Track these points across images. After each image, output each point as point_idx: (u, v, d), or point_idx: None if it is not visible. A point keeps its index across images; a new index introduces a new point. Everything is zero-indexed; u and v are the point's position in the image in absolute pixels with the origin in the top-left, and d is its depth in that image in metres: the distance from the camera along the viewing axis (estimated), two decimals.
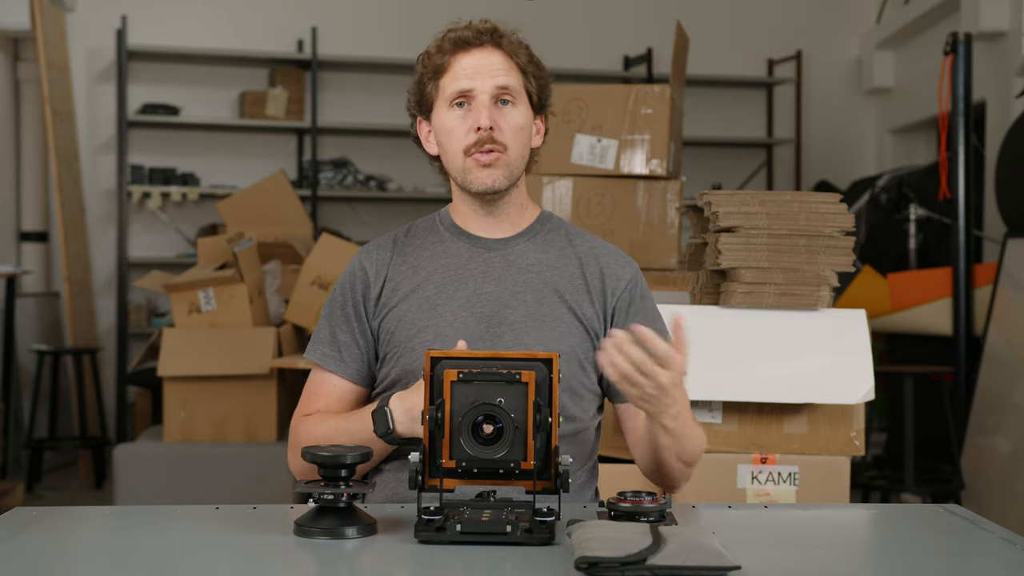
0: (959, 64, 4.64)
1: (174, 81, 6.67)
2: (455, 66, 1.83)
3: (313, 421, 1.85)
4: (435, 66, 1.85)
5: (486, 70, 1.82)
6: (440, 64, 1.84)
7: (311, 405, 1.89)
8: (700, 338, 2.45)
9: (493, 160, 1.81)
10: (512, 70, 1.83)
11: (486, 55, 1.83)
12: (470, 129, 1.81)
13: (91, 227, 6.56)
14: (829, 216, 2.44)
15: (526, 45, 1.87)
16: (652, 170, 3.50)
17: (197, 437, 4.39)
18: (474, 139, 1.81)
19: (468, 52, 1.83)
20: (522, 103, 1.85)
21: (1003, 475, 4.36)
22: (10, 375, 5.55)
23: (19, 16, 5.79)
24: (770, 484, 2.50)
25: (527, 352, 1.55)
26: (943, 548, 1.51)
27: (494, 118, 1.80)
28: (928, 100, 5.99)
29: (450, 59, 1.83)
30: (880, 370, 3.94)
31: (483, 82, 1.81)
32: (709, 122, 7.08)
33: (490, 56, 1.83)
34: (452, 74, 1.83)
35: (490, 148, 1.80)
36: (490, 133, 1.80)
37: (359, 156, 6.86)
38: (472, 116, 1.81)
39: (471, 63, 1.82)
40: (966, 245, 4.69)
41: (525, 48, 1.87)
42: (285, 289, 4.88)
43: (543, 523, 1.44)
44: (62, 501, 5.27)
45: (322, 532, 1.46)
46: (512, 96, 1.83)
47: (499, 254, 1.88)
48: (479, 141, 1.80)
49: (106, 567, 1.42)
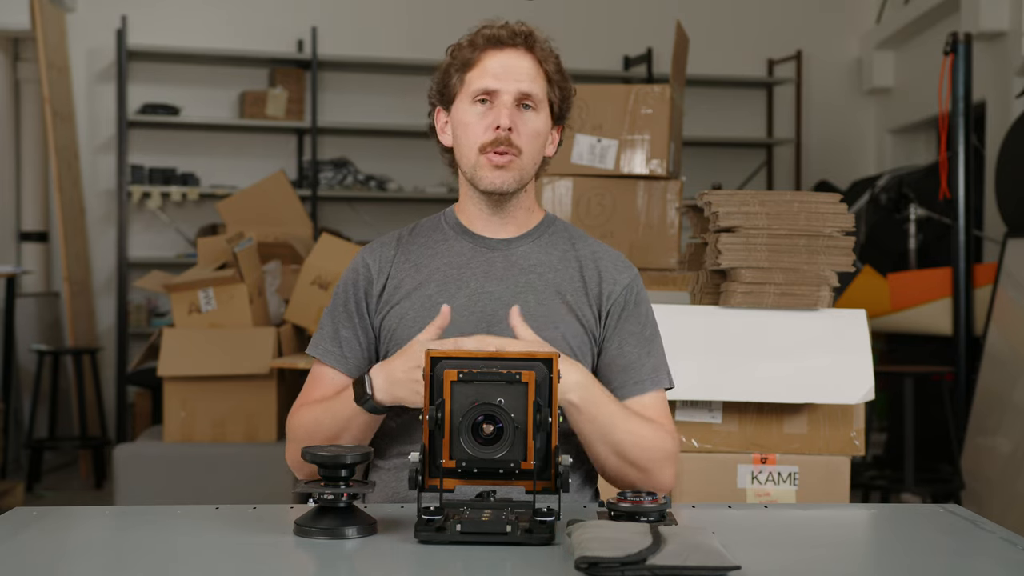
0: (959, 64, 4.64)
1: (174, 81, 6.67)
2: (484, 62, 1.83)
3: (303, 410, 1.85)
4: (464, 59, 1.85)
5: (514, 72, 1.82)
6: (470, 58, 1.84)
7: (309, 398, 1.89)
8: (700, 338, 2.45)
9: (506, 162, 1.82)
10: (539, 77, 1.84)
11: (517, 57, 1.83)
12: (489, 127, 1.81)
13: (91, 227, 6.56)
14: (829, 216, 2.45)
15: (556, 54, 1.88)
16: (652, 170, 3.50)
17: (197, 437, 4.39)
18: (491, 138, 1.81)
19: (500, 51, 1.83)
20: (543, 111, 1.85)
21: (1003, 475, 4.36)
22: (10, 375, 5.55)
23: (19, 16, 5.80)
24: (770, 484, 2.50)
25: (527, 352, 1.55)
26: (943, 548, 1.51)
27: (514, 120, 1.81)
28: (928, 100, 5.99)
29: (480, 55, 1.83)
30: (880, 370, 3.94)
31: (509, 84, 1.81)
32: (709, 122, 7.08)
33: (520, 59, 1.83)
34: (480, 70, 1.83)
35: (504, 150, 1.81)
36: (508, 135, 1.80)
37: (359, 156, 6.86)
38: (492, 115, 1.81)
39: (500, 63, 1.82)
40: (966, 245, 4.69)
41: (555, 57, 1.87)
42: (285, 289, 4.88)
43: (543, 523, 1.44)
44: (62, 501, 5.27)
45: (322, 532, 1.46)
46: (534, 103, 1.83)
47: (502, 254, 1.88)
48: (496, 141, 1.81)
49: (106, 567, 1.42)
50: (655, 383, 1.86)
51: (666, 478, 1.80)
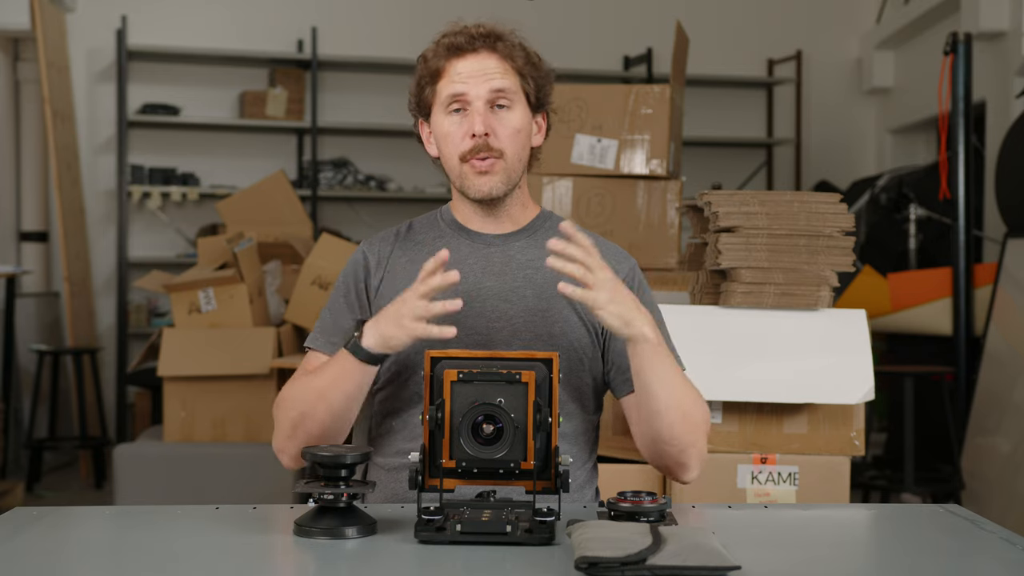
0: (959, 64, 4.64)
1: (174, 81, 6.67)
2: (450, 71, 1.83)
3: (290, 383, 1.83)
4: (431, 70, 1.85)
5: (480, 75, 1.81)
6: (436, 69, 1.84)
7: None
8: (700, 338, 2.45)
9: (489, 167, 1.81)
10: (508, 73, 1.83)
11: (480, 60, 1.82)
12: (465, 135, 1.81)
13: (91, 227, 6.56)
14: (829, 216, 2.44)
15: (522, 45, 1.86)
16: (652, 170, 3.50)
17: (197, 437, 4.39)
18: (470, 145, 1.81)
19: (462, 57, 1.82)
20: (519, 105, 1.84)
21: (1003, 475, 4.36)
22: (10, 375, 5.55)
23: (19, 16, 5.80)
24: (770, 484, 2.50)
25: (527, 352, 1.56)
26: (943, 548, 1.51)
27: (489, 123, 1.80)
28: (928, 100, 5.99)
29: (445, 64, 1.83)
30: (880, 370, 3.94)
31: (477, 87, 1.81)
32: (709, 122, 7.08)
33: (484, 61, 1.82)
34: (447, 79, 1.83)
35: (486, 155, 1.80)
36: (485, 140, 1.80)
37: (359, 156, 6.86)
38: (467, 122, 1.81)
39: (465, 68, 1.82)
40: (966, 245, 4.69)
41: (521, 48, 1.85)
42: (285, 289, 4.88)
43: (543, 523, 1.44)
44: (62, 501, 5.27)
45: (322, 532, 1.46)
46: (508, 99, 1.82)
47: (499, 250, 1.88)
48: (475, 148, 1.80)
49: (106, 567, 1.42)
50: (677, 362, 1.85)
51: (705, 445, 1.79)
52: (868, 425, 3.82)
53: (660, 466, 1.82)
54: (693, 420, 1.75)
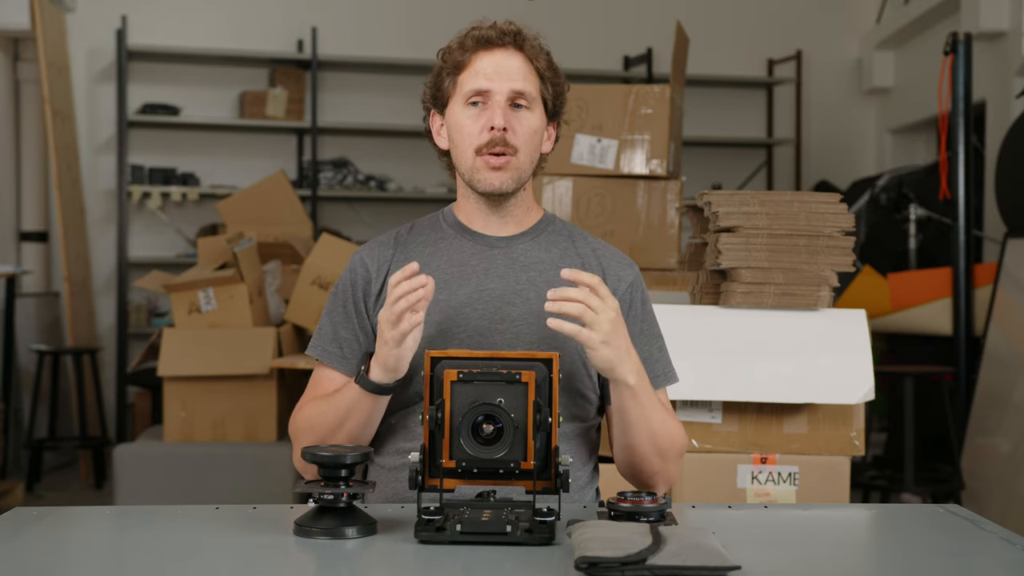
0: (959, 64, 4.64)
1: (174, 81, 6.67)
2: (475, 64, 1.83)
3: (305, 407, 1.86)
4: (455, 62, 1.85)
5: (505, 72, 1.82)
6: (460, 60, 1.84)
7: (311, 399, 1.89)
8: (700, 338, 2.45)
9: (503, 163, 1.82)
10: (531, 75, 1.84)
11: (507, 57, 1.83)
12: (483, 128, 1.81)
13: (91, 227, 6.56)
14: (829, 216, 2.44)
15: (547, 51, 1.88)
16: (652, 170, 3.50)
17: (197, 437, 4.39)
18: (487, 139, 1.81)
19: (489, 52, 1.83)
20: (537, 108, 1.85)
21: (1003, 475, 4.36)
22: (10, 375, 5.55)
23: (19, 16, 5.79)
24: (770, 484, 2.50)
25: (527, 352, 1.56)
26: (943, 548, 1.51)
27: (508, 120, 1.81)
28: (928, 100, 5.99)
29: (471, 57, 1.84)
30: (880, 370, 3.95)
31: (501, 84, 1.81)
32: (709, 122, 7.08)
33: (510, 58, 1.83)
34: (471, 72, 1.83)
35: (501, 151, 1.81)
36: (503, 135, 1.80)
37: (359, 156, 6.86)
38: (486, 115, 1.81)
39: (491, 63, 1.83)
40: (966, 245, 4.69)
41: (546, 54, 1.87)
42: (285, 289, 4.88)
43: (543, 523, 1.44)
44: (62, 501, 5.27)
45: (322, 532, 1.46)
46: (527, 101, 1.83)
47: (502, 252, 1.88)
48: (491, 142, 1.81)
49: (106, 567, 1.42)
50: (667, 379, 1.91)
51: (677, 469, 1.87)
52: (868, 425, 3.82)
53: (628, 479, 1.89)
54: (665, 455, 1.82)
